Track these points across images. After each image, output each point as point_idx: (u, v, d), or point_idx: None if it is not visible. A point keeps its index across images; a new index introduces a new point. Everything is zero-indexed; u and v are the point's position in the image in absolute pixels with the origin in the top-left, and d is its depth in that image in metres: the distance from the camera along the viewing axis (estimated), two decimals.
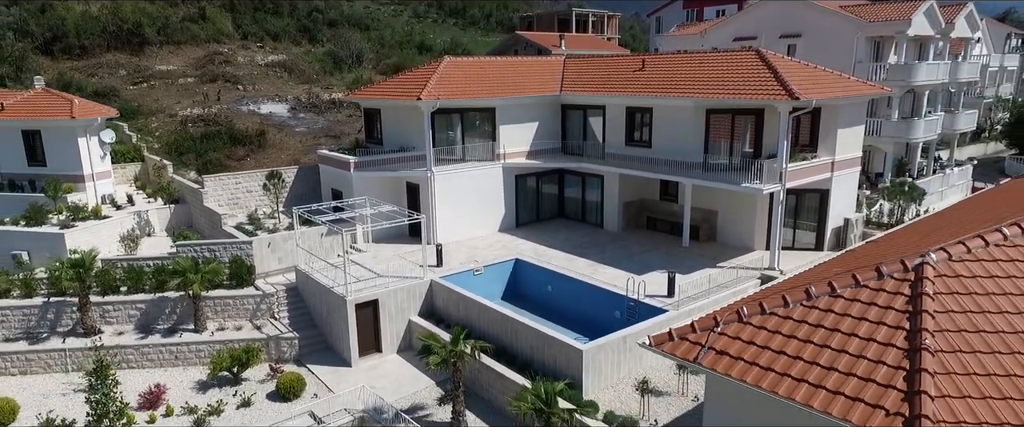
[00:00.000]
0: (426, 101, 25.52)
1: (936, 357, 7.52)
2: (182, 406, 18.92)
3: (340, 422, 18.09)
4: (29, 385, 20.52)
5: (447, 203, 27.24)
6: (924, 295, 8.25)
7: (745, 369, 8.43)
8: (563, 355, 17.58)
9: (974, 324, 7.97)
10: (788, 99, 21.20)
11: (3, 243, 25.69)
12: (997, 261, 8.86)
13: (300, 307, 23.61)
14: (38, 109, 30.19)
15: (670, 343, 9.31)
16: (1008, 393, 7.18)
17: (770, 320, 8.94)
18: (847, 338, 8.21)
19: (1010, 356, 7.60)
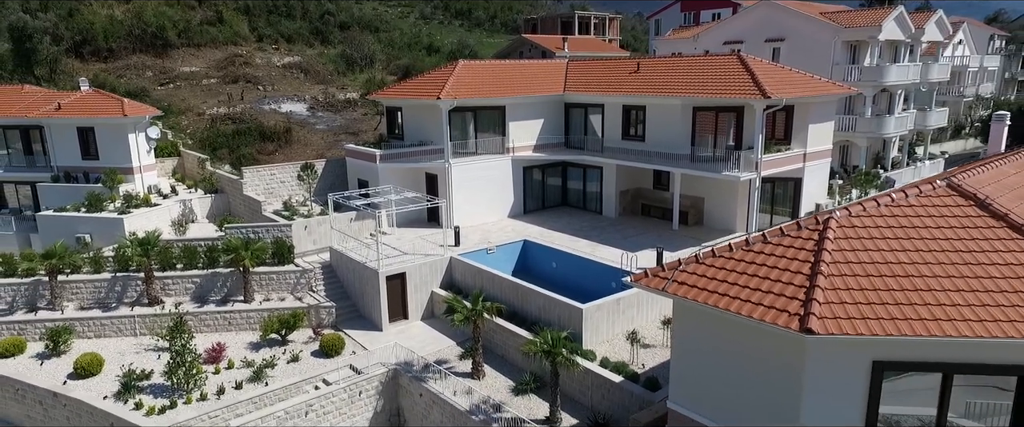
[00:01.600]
0: (445, 100, 28.79)
1: (827, 279, 10.74)
2: (241, 360, 22.21)
3: (376, 372, 21.36)
4: (105, 345, 23.79)
5: (462, 191, 30.48)
6: (826, 240, 11.46)
7: (697, 293, 11.65)
8: (566, 314, 20.84)
9: (856, 258, 11.17)
10: (761, 98, 24.40)
11: (69, 227, 28.98)
12: (883, 216, 12.05)
13: (334, 281, 26.87)
14: (91, 108, 33.49)
15: (646, 279, 12.55)
16: (871, 299, 10.39)
17: (718, 261, 12.16)
18: (769, 270, 11.41)
19: (878, 278, 10.79)
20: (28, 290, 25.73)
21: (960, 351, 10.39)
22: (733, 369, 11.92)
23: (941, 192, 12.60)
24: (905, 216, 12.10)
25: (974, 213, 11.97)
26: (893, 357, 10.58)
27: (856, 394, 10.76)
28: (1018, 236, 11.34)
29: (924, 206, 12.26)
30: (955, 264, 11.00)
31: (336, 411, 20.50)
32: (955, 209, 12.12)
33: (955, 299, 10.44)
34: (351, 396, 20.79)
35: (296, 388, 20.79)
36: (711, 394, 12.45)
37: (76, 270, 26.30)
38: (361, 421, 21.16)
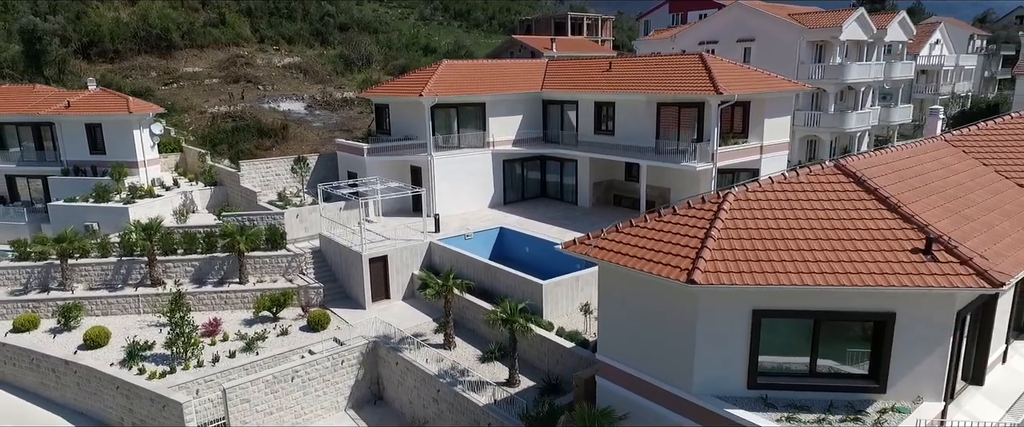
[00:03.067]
0: (426, 97, 30.88)
1: (715, 241, 12.76)
2: (235, 333, 24.35)
3: (358, 344, 23.47)
4: (112, 322, 25.92)
5: (444, 183, 32.56)
6: (722, 210, 13.49)
7: (611, 256, 13.68)
8: (529, 290, 22.91)
9: (744, 225, 13.18)
10: (715, 93, 26.41)
11: (78, 216, 31.19)
12: (775, 192, 14.06)
13: (323, 265, 28.98)
14: (99, 106, 35.73)
15: (573, 246, 14.60)
16: (751, 257, 12.39)
17: (633, 229, 14.19)
18: (673, 236, 13.43)
19: (760, 241, 12.80)
20: (41, 272, 27.93)
21: (826, 300, 12.40)
22: (645, 322, 13.96)
23: (829, 171, 14.61)
24: (794, 191, 14.11)
25: (851, 188, 13.97)
26: (770, 306, 12.59)
27: (740, 339, 12.77)
28: (883, 206, 13.33)
29: (811, 183, 14.27)
30: (826, 229, 12.99)
31: (320, 378, 22.60)
32: (837, 185, 14.13)
33: (823, 257, 12.42)
34: (334, 365, 22.89)
35: (284, 357, 22.91)
36: (629, 344, 14.48)
37: (85, 254, 28.47)
38: (343, 387, 23.28)
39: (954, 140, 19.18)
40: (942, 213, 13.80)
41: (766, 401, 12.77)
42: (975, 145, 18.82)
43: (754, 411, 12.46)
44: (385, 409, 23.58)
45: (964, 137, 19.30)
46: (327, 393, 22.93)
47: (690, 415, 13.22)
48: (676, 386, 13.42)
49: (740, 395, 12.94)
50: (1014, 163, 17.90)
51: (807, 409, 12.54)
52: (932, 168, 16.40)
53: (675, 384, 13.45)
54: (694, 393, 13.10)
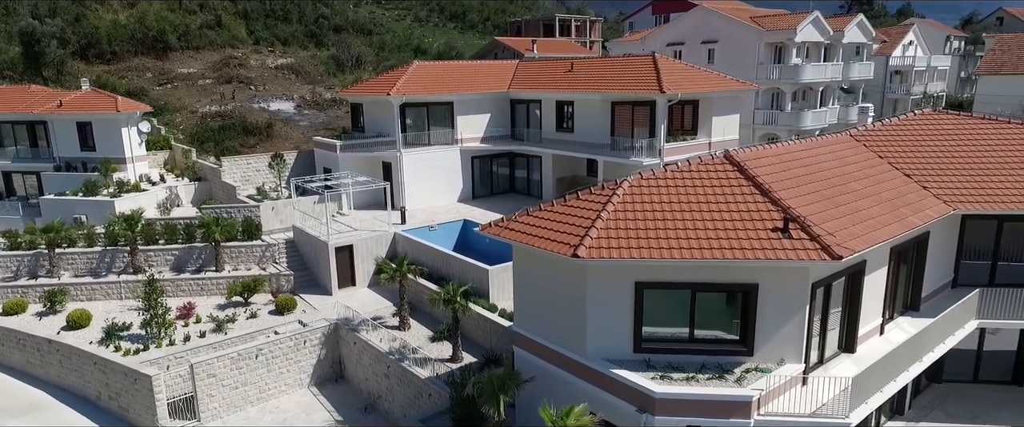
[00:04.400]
0: (394, 96, 32.64)
1: (603, 221, 14.44)
2: (208, 316, 26.15)
3: (320, 326, 25.24)
4: (95, 307, 27.74)
5: (414, 178, 34.31)
6: (614, 195, 15.17)
7: (518, 236, 15.38)
8: (477, 275, 24.62)
9: (633, 208, 14.85)
10: (660, 92, 28.08)
11: (68, 209, 33.06)
12: (668, 179, 15.74)
13: (295, 254, 30.76)
14: (89, 105, 37.61)
15: (488, 228, 16.31)
16: (634, 235, 14.06)
17: (540, 213, 15.87)
18: (572, 217, 15.10)
19: (645, 221, 14.47)
20: (30, 261, 29.78)
21: (700, 273, 14.09)
22: (548, 296, 15.66)
23: (718, 161, 16.29)
24: (684, 178, 15.79)
25: (734, 176, 15.64)
26: (650, 279, 14.28)
27: (625, 308, 14.45)
28: (757, 192, 14.99)
29: (700, 171, 15.95)
30: (705, 211, 14.64)
31: (283, 356, 24.37)
32: (722, 173, 15.80)
33: (698, 235, 14.09)
34: (297, 344, 24.66)
35: (250, 337, 24.69)
36: (537, 316, 16.20)
37: (72, 244, 30.32)
38: (306, 366, 25.05)
39: (858, 135, 20.82)
40: (815, 198, 15.46)
41: (648, 363, 14.45)
42: (877, 140, 20.45)
43: (635, 371, 14.14)
44: (345, 386, 25.34)
45: (868, 132, 20.94)
46: (290, 371, 24.70)
47: (585, 376, 14.92)
48: (573, 351, 15.13)
49: (627, 358, 14.62)
50: (906, 156, 19.54)
51: (682, 369, 14.22)
52: (824, 160, 18.04)
53: (572, 350, 15.15)
54: (587, 357, 14.79)
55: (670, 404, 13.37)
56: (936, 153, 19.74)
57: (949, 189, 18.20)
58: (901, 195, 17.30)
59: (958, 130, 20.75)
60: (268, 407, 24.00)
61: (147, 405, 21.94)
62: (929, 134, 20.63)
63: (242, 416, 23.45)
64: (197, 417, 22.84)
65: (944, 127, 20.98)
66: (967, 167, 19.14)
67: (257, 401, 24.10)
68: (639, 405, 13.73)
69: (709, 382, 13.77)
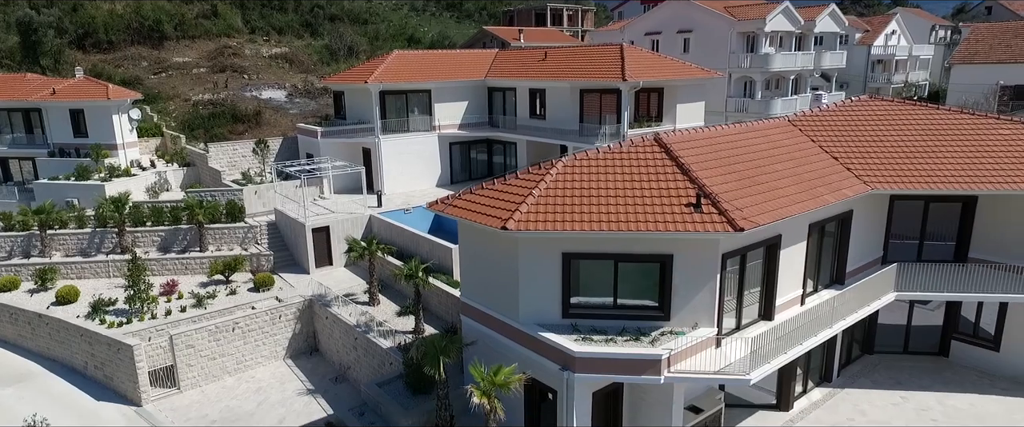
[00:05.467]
0: (372, 84, 33.89)
1: (535, 197, 15.72)
2: (190, 293, 27.57)
3: (295, 302, 26.65)
4: (85, 284, 29.21)
5: (392, 163, 35.63)
6: (547, 174, 16.44)
7: (459, 212, 16.67)
8: (441, 253, 25.98)
9: (565, 185, 16.11)
10: (622, 80, 29.26)
11: (60, 193, 34.51)
12: (601, 159, 16.97)
13: (276, 235, 32.14)
14: (81, 93, 38.97)
15: (435, 205, 17.61)
16: (562, 210, 15.33)
17: (480, 191, 17.15)
18: (509, 195, 16.37)
19: (573, 198, 15.73)
20: (24, 241, 31.22)
21: (621, 245, 15.37)
22: (487, 266, 16.98)
23: (648, 143, 17.52)
24: (615, 159, 17.03)
25: (660, 156, 16.88)
26: (576, 250, 15.57)
27: (554, 277, 15.75)
28: (678, 171, 16.23)
29: (631, 153, 17.19)
30: (629, 189, 15.87)
31: (259, 330, 25.81)
32: (650, 154, 17.04)
33: (621, 210, 15.34)
34: (273, 319, 26.10)
35: (228, 312, 26.11)
36: (479, 286, 17.53)
37: (63, 225, 31.75)
38: (282, 339, 26.50)
39: (796, 120, 22.01)
40: (734, 178, 16.69)
41: (575, 327, 15.76)
42: (812, 125, 21.64)
43: (561, 334, 15.46)
44: (319, 358, 26.79)
45: (805, 118, 22.13)
46: (267, 343, 26.15)
47: (518, 340, 16.26)
48: (508, 317, 16.46)
49: (556, 323, 15.93)
50: (836, 140, 20.74)
51: (605, 333, 15.52)
52: (755, 143, 19.25)
53: (508, 316, 16.48)
54: (520, 322, 16.12)
55: (588, 362, 14.71)
56: (866, 137, 20.91)
57: (871, 170, 19.39)
58: (822, 175, 18.51)
59: (890, 116, 21.91)
60: (245, 377, 25.46)
61: (129, 373, 23.42)
62: (862, 119, 21.80)
63: (220, 385, 24.92)
64: (177, 385, 24.32)
65: (877, 113, 22.14)
66: (894, 150, 20.31)
67: (235, 371, 25.57)
68: (562, 364, 15.07)
69: (626, 343, 15.08)
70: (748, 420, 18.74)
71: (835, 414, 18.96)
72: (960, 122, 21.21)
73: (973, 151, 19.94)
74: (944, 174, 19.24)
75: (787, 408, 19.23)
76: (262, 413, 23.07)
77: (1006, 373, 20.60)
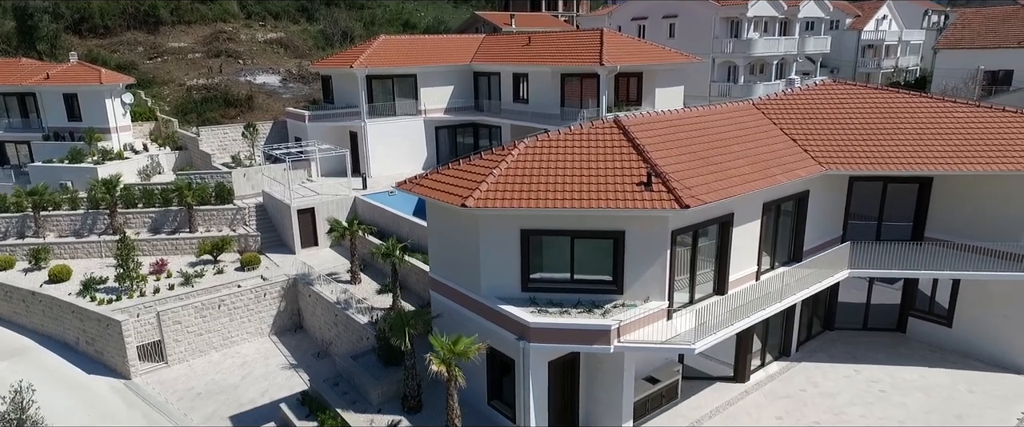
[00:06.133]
0: (358, 69, 34.52)
1: (495, 176, 16.46)
2: (178, 272, 28.45)
3: (279, 280, 27.51)
4: (77, 264, 30.08)
5: (378, 146, 36.35)
6: (509, 155, 17.17)
7: (424, 190, 17.41)
8: (420, 233, 26.74)
9: (526, 165, 16.83)
10: (600, 65, 29.86)
11: (54, 175, 35.32)
12: (561, 140, 17.66)
13: (264, 217, 32.96)
14: (75, 77, 39.68)
15: (403, 185, 18.37)
16: (521, 188, 16.06)
17: (450, 171, 17.88)
18: (470, 174, 17.11)
19: (532, 176, 16.46)
20: (18, 222, 32.09)
21: (577, 222, 16.11)
22: (453, 243, 17.76)
23: (607, 125, 18.21)
24: (575, 140, 17.72)
25: (619, 138, 17.56)
26: (534, 226, 16.31)
27: (513, 252, 16.51)
28: (634, 152, 16.92)
29: (590, 134, 17.87)
30: (586, 168, 16.57)
31: (244, 307, 26.71)
32: (609, 135, 17.72)
33: (576, 188, 16.06)
34: (257, 296, 26.99)
35: (215, 290, 27.00)
36: (445, 262, 18.32)
37: (57, 207, 32.62)
38: (267, 316, 27.41)
39: (760, 104, 22.65)
40: (689, 158, 17.38)
41: (533, 300, 16.54)
42: (775, 108, 22.28)
43: (519, 307, 16.25)
44: (303, 335, 27.70)
45: (769, 101, 22.77)
46: (252, 320, 27.06)
47: (480, 312, 17.06)
48: (471, 291, 17.25)
49: (516, 296, 16.71)
50: (797, 122, 21.39)
51: (561, 305, 16.30)
52: (715, 125, 19.90)
53: (470, 290, 17.28)
54: (482, 295, 16.90)
55: (542, 332, 15.51)
56: (826, 120, 21.53)
57: (828, 152, 20.05)
58: (778, 156, 19.18)
59: (852, 99, 22.51)
60: (231, 353, 26.40)
61: (118, 348, 24.37)
62: (824, 103, 22.42)
63: (206, 360, 25.88)
64: (165, 360, 25.27)
65: (839, 97, 22.75)
66: (852, 132, 20.94)
67: (221, 347, 26.51)
68: (519, 334, 15.87)
69: (579, 315, 15.86)
70: (705, 391, 19.58)
71: (789, 385, 19.79)
72: (918, 105, 21.82)
73: (929, 133, 20.56)
74: (899, 156, 19.88)
75: (743, 380, 20.07)
76: (246, 386, 24.03)
77: (958, 348, 21.39)
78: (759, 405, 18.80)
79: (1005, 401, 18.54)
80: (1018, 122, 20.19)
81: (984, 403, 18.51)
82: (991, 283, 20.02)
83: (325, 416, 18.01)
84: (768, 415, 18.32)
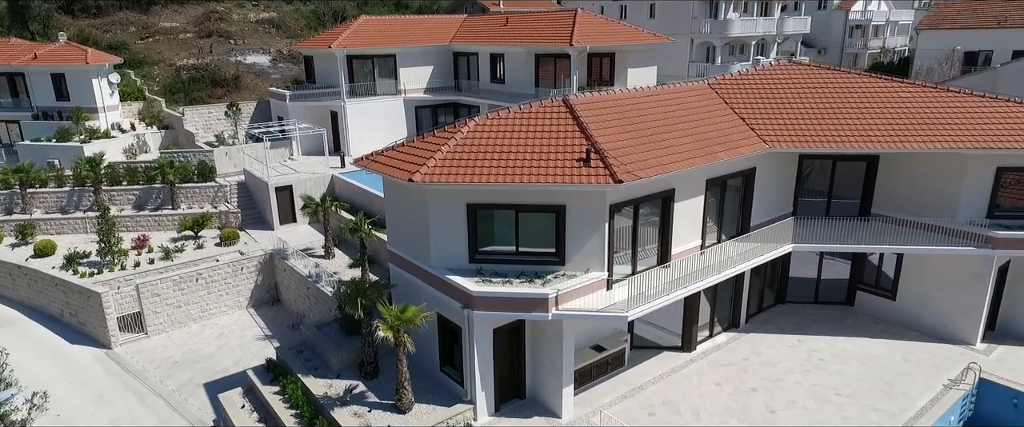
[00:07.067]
0: (336, 49, 35.14)
1: (443, 152, 17.21)
2: (159, 247, 29.37)
3: (256, 255, 28.42)
4: (63, 239, 30.98)
5: (358, 126, 37.06)
6: (458, 132, 17.90)
7: (378, 166, 18.18)
8: None
9: (474, 142, 17.57)
10: (569, 45, 30.42)
11: (42, 154, 36.15)
12: (511, 118, 18.38)
13: (246, 194, 33.79)
14: (62, 57, 40.35)
15: (359, 161, 19.15)
16: (468, 164, 16.81)
17: (404, 148, 18.63)
18: (422, 150, 17.86)
19: (480, 153, 17.20)
20: (5, 199, 32.98)
21: (520, 196, 16.89)
22: (406, 217, 18.57)
23: (556, 104, 18.90)
24: (524, 118, 18.43)
25: (565, 117, 18.26)
26: (480, 201, 17.10)
27: (460, 226, 17.32)
28: (578, 129, 17.63)
29: (538, 113, 18.57)
30: (531, 145, 17.30)
31: (222, 281, 27.66)
32: (556, 114, 18.41)
33: (520, 164, 16.81)
34: (235, 270, 27.92)
35: (193, 264, 27.92)
36: (400, 235, 19.15)
37: (43, 184, 33.49)
38: (244, 290, 28.37)
39: (715, 84, 23.28)
40: (631, 136, 18.09)
41: (480, 271, 17.38)
42: (729, 88, 22.92)
43: (466, 277, 17.09)
44: (280, 308, 28.68)
45: (724, 81, 23.40)
46: (230, 293, 28.02)
47: (429, 282, 17.92)
48: (423, 262, 18.10)
49: (464, 268, 17.54)
50: (749, 102, 22.03)
51: (505, 276, 17.14)
52: (665, 105, 20.56)
53: (422, 261, 18.12)
54: (432, 266, 17.74)
55: (484, 301, 16.36)
56: (778, 99, 22.18)
57: (774, 130, 20.73)
58: (723, 134, 19.88)
59: (805, 80, 23.12)
60: (209, 324, 27.41)
61: (99, 319, 25.36)
62: (778, 83, 23.04)
63: (185, 331, 26.90)
64: (144, 331, 26.29)
65: (793, 77, 23.36)
66: (801, 111, 21.59)
67: (200, 319, 27.51)
68: (464, 303, 16.73)
69: (521, 285, 16.71)
70: (652, 360, 20.48)
71: (733, 355, 20.67)
72: (868, 85, 22.43)
73: (875, 113, 21.21)
74: (844, 134, 20.56)
75: (690, 349, 20.97)
76: (221, 355, 25.05)
77: (900, 320, 22.24)
78: (701, 373, 19.70)
79: (935, 369, 19.41)
80: (955, 102, 20.83)
81: (915, 371, 19.38)
82: (930, 257, 20.81)
83: (286, 381, 18.97)
84: (708, 382, 19.23)
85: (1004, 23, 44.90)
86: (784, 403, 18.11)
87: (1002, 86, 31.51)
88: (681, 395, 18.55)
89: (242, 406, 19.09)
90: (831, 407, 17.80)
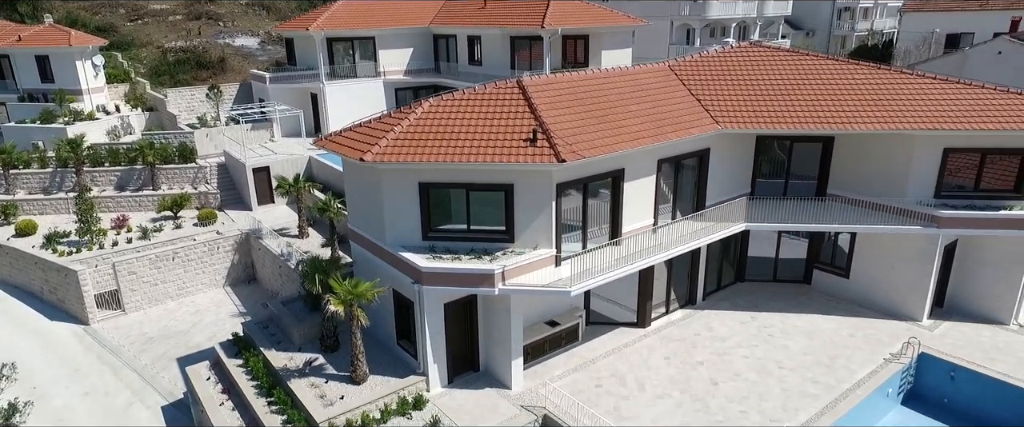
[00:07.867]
0: (314, 31, 35.45)
1: (396, 132, 17.68)
2: (138, 227, 29.95)
3: (233, 234, 29.00)
4: (45, 220, 31.59)
5: (337, 108, 37.45)
6: (412, 112, 18.35)
7: (334, 146, 18.66)
8: None
9: (428, 123, 18.02)
10: (541, 27, 30.72)
11: (26, 135, 36.64)
12: (465, 99, 18.81)
13: (226, 176, 34.32)
14: (45, 40, 40.64)
15: (318, 141, 19.62)
16: (420, 144, 17.29)
17: (360, 128, 19.08)
18: (377, 130, 18.32)
19: (433, 133, 17.67)
20: None
21: (471, 175, 17.37)
22: (363, 195, 19.09)
23: (510, 85, 19.31)
24: (478, 99, 18.86)
25: (517, 98, 18.68)
26: (432, 180, 17.60)
27: (413, 204, 17.83)
28: (528, 110, 18.06)
29: (493, 94, 19.00)
30: (482, 126, 17.76)
31: (199, 260, 28.28)
32: (509, 95, 18.84)
33: (470, 144, 17.27)
34: (211, 250, 28.53)
35: (170, 243, 28.52)
36: (358, 213, 19.69)
37: (27, 165, 34.03)
38: (221, 269, 29.00)
39: (675, 66, 23.64)
40: (582, 118, 18.49)
41: (432, 248, 17.93)
42: (688, 70, 23.27)
43: (418, 254, 17.64)
44: (256, 286, 29.33)
45: (683, 63, 23.75)
46: (206, 272, 28.65)
47: (385, 258, 18.48)
48: (378, 239, 18.65)
49: (417, 245, 18.09)
50: (706, 84, 22.40)
51: (457, 253, 17.69)
52: (620, 87, 20.93)
53: (378, 238, 18.67)
54: (387, 243, 18.29)
55: (434, 276, 16.93)
56: (735, 81, 22.54)
57: (728, 111, 21.14)
58: (676, 115, 20.29)
59: (764, 61, 23.46)
60: (185, 302, 28.08)
61: (77, 296, 26.03)
62: (737, 65, 23.38)
63: (162, 308, 27.57)
64: (122, 308, 26.95)
65: (753, 59, 23.70)
66: (757, 92, 21.96)
67: (176, 296, 28.17)
68: (415, 278, 17.30)
69: (470, 261, 17.26)
70: (606, 335, 21.08)
71: (685, 330, 21.27)
72: (824, 67, 22.79)
73: (830, 94, 21.58)
74: (797, 115, 20.96)
75: (645, 325, 21.56)
76: (195, 332, 25.73)
77: (854, 298, 22.80)
78: (651, 347, 20.31)
79: (878, 344, 19.99)
80: (907, 83, 21.20)
81: (859, 345, 19.97)
82: (881, 237, 21.30)
83: (250, 354, 19.61)
84: (657, 355, 19.84)
85: (985, 5, 44.98)
86: (728, 376, 18.71)
87: (969, 67, 31.80)
88: (629, 367, 19.17)
89: (207, 378, 19.74)
90: (771, 379, 18.41)
